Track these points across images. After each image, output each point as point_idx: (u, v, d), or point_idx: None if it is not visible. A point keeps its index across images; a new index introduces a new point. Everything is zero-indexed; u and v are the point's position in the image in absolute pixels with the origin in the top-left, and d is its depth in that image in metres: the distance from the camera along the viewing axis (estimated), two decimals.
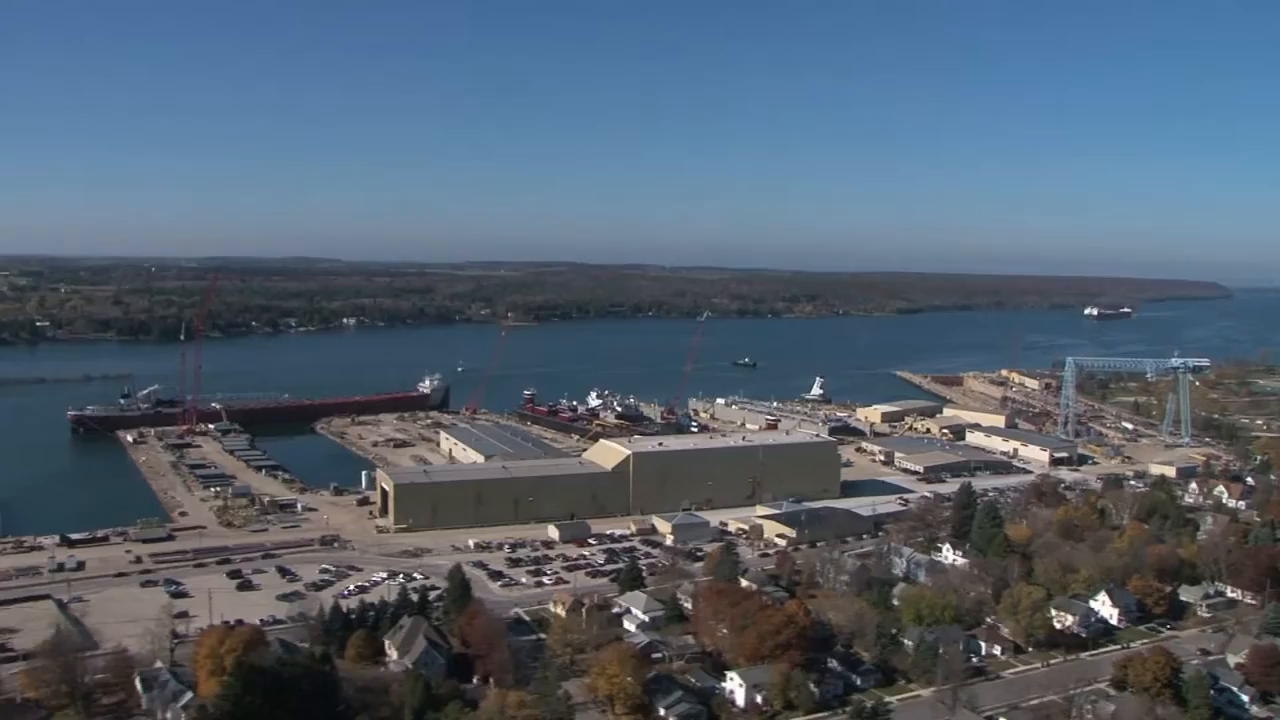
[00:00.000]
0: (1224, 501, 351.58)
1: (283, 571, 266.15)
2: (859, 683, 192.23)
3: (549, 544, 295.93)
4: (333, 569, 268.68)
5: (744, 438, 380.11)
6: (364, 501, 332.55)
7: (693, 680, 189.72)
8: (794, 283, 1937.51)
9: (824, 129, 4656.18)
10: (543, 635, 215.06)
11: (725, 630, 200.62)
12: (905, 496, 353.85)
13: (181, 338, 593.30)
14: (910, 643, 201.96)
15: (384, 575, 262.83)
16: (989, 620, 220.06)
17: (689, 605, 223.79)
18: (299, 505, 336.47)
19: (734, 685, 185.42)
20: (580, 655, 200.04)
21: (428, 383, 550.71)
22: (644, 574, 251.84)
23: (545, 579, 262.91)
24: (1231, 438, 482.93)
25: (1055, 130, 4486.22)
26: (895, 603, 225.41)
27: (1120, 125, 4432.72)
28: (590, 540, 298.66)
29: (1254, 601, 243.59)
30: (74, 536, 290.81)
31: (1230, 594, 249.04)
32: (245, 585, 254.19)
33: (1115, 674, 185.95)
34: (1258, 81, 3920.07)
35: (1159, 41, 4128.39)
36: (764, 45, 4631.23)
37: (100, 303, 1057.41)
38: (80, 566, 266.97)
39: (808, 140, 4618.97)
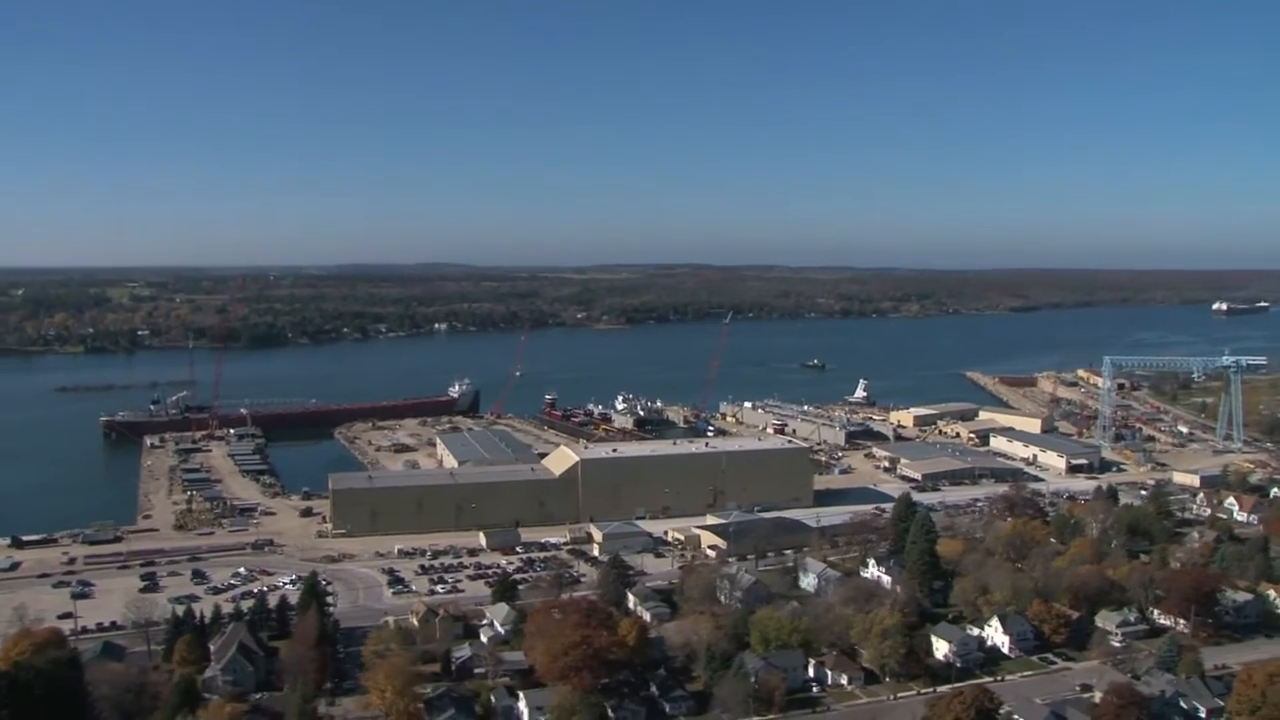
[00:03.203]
0: (1234, 515, 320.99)
1: (197, 575, 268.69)
2: (668, 709, 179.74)
3: (474, 552, 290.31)
4: (244, 573, 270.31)
5: (707, 444, 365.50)
6: (307, 512, 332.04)
7: (493, 700, 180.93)
8: (914, 282, 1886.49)
9: (956, 126, 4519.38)
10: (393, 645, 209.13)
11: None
12: (882, 506, 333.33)
13: (189, 345, 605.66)
14: (747, 669, 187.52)
15: (288, 580, 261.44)
16: (855, 646, 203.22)
17: None
18: (258, 510, 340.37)
19: (522, 706, 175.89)
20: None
21: (457, 387, 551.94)
22: (520, 585, 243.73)
23: (440, 588, 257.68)
24: None
25: (1196, 122, 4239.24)
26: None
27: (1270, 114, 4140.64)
28: (518, 549, 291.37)
29: (1185, 629, 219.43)
30: (26, 538, 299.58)
31: (1162, 620, 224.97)
32: (151, 588, 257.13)
33: (926, 714, 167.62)
34: None
35: None
36: (877, 44, 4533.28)
37: (206, 311, 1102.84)
38: (14, 567, 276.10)
39: (938, 138, 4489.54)
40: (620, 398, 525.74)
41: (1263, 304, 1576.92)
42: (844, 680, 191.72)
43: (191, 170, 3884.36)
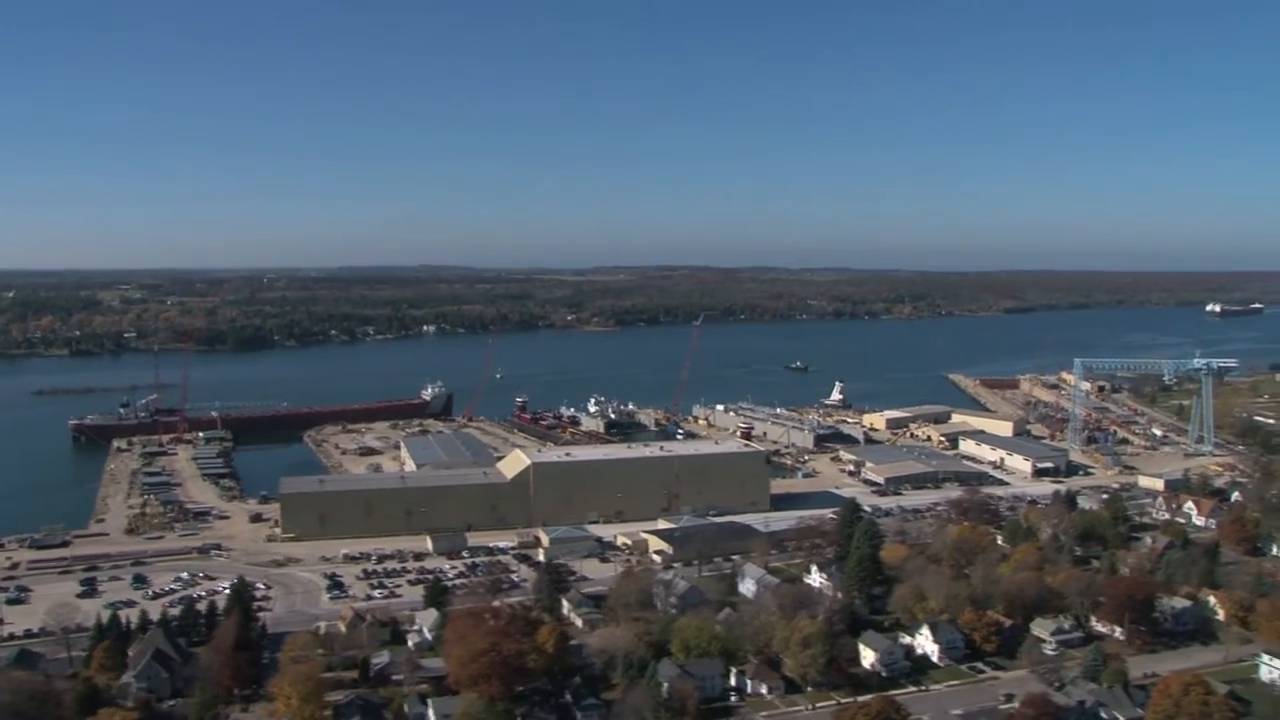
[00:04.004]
0: (1192, 519, 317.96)
1: (138, 580, 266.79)
2: (579, 718, 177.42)
3: (419, 556, 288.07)
4: (186, 577, 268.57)
5: (662, 448, 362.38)
6: (257, 517, 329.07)
7: (406, 707, 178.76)
8: (911, 283, 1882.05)
9: (959, 128, 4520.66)
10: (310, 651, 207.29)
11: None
12: (840, 511, 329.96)
13: (155, 349, 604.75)
14: (660, 677, 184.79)
15: (225, 585, 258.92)
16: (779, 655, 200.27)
17: None
18: (212, 514, 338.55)
19: (432, 713, 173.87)
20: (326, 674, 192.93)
21: (429, 390, 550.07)
22: (460, 590, 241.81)
23: (378, 592, 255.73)
24: (1265, 445, 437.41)
25: (1196, 123, 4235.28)
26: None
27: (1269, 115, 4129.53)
28: (464, 553, 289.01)
29: (1121, 637, 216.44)
30: None
31: (1100, 628, 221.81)
32: (88, 593, 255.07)
33: None
34: None
35: None
36: (878, 46, 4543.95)
37: (196, 314, 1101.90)
38: None
39: (939, 140, 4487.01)
40: (592, 400, 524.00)
41: (1257, 305, 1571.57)
42: (764, 690, 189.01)
43: (195, 173, 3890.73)
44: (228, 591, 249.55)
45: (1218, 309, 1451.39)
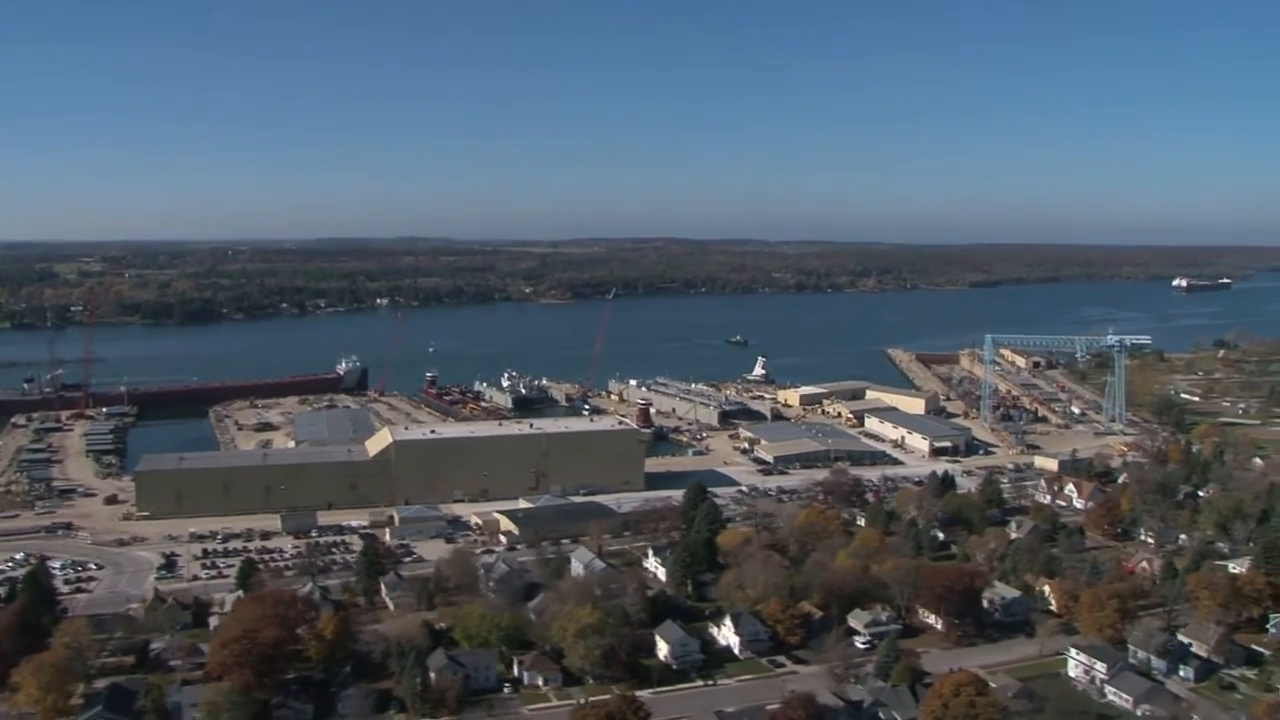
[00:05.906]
0: (1073, 501, 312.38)
1: None
2: (340, 709, 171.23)
3: (267, 535, 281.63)
4: (20, 558, 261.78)
5: (531, 425, 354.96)
6: (112, 499, 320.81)
7: (166, 697, 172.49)
8: (883, 256, 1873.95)
9: (933, 104, 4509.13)
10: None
11: None
12: (715, 491, 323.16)
13: (49, 326, 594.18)
14: (432, 666, 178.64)
15: (59, 565, 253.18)
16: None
17: None
18: (78, 491, 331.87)
19: (186, 701, 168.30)
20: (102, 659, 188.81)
21: (344, 364, 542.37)
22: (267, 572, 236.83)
23: (205, 573, 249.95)
24: (1177, 424, 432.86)
25: (1175, 100, 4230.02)
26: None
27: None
28: (313, 532, 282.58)
29: (942, 629, 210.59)
30: None
31: (927, 619, 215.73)
32: None
33: None
34: None
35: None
36: (859, 21, 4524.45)
37: (150, 287, 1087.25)
38: None
39: (915, 115, 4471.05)
40: (505, 375, 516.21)
41: (1225, 280, 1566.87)
42: (540, 681, 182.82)
43: (177, 145, 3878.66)
44: (57, 571, 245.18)
45: (1184, 284, 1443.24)
